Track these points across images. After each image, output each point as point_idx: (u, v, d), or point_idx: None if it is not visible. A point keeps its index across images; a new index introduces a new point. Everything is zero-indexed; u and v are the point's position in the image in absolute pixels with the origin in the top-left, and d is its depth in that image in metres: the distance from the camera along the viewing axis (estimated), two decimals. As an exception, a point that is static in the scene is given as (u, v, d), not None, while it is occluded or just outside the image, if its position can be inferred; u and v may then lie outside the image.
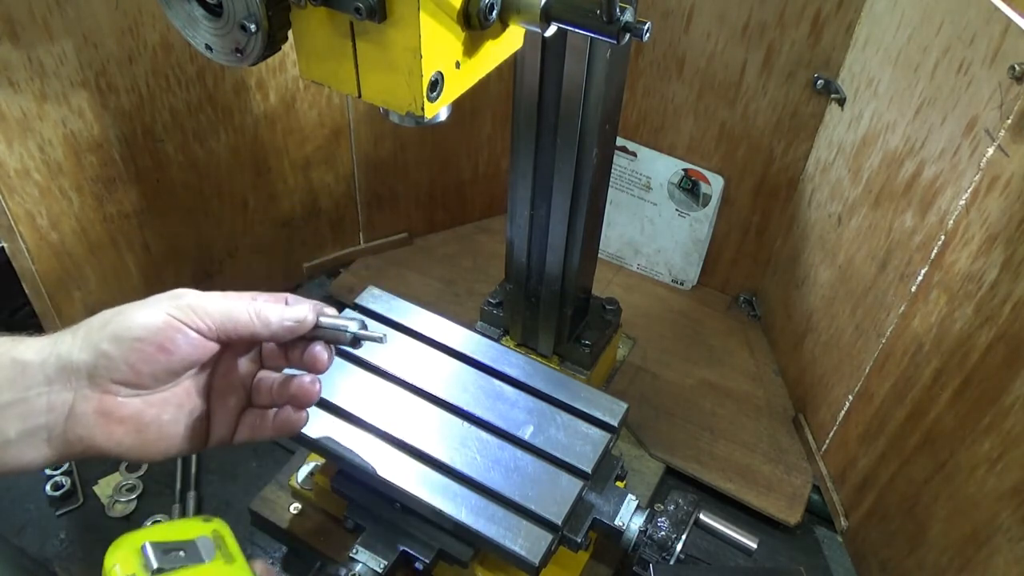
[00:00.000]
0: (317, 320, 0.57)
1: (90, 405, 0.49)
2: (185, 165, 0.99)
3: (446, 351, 0.82)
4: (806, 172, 1.05)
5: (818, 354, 1.00)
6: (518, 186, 0.83)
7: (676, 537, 0.70)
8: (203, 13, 0.53)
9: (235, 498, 0.93)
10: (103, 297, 1.01)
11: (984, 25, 0.69)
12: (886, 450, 0.85)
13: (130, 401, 0.51)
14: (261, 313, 0.54)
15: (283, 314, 0.55)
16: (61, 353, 0.49)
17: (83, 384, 0.49)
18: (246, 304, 0.54)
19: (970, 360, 0.72)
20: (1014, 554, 0.67)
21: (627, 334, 1.14)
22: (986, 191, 0.69)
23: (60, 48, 0.82)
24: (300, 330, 0.56)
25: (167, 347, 0.50)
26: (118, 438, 0.50)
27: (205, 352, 0.53)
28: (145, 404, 0.52)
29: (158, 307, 0.51)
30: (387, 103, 0.54)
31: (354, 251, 1.24)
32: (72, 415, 0.49)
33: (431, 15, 0.49)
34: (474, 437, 0.74)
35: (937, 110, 0.76)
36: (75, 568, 0.86)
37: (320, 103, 1.06)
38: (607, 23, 0.53)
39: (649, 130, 1.14)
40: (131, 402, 0.51)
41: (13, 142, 0.84)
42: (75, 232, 0.94)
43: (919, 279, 0.79)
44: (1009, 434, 0.68)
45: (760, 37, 0.98)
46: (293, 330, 0.56)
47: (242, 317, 0.54)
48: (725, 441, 1.01)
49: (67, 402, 0.49)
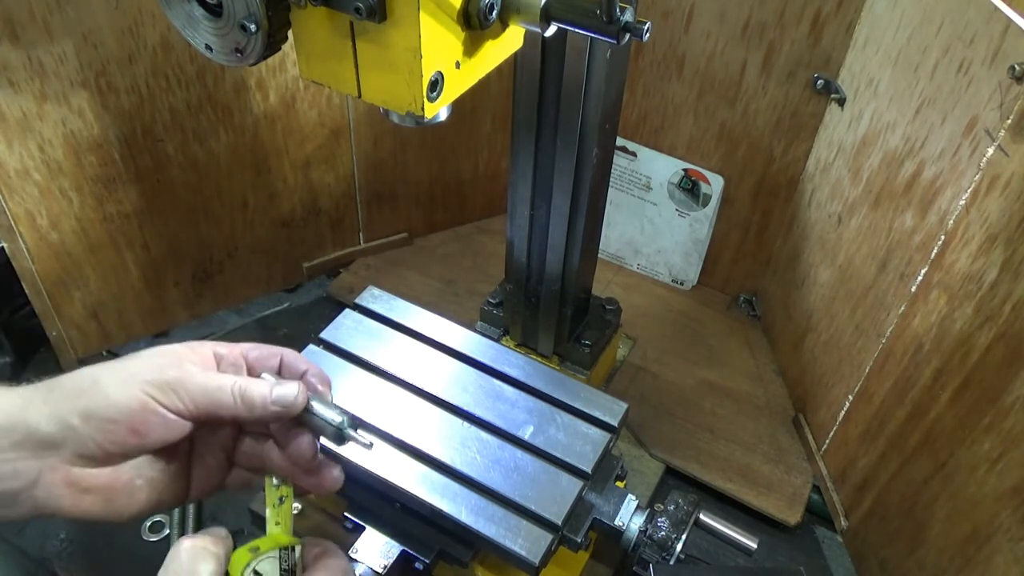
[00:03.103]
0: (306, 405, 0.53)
1: (57, 475, 0.47)
2: (185, 165, 0.99)
3: (446, 351, 0.82)
4: (806, 172, 1.05)
5: (818, 354, 1.00)
6: (518, 186, 0.83)
7: (676, 537, 0.70)
8: (203, 13, 0.53)
9: (235, 498, 0.93)
10: (103, 297, 1.01)
11: (984, 25, 0.69)
12: (886, 450, 0.85)
13: (100, 472, 0.49)
14: (246, 395, 0.50)
15: (269, 397, 0.51)
16: (29, 421, 0.47)
17: (50, 454, 0.47)
18: (230, 384, 0.50)
19: (970, 360, 0.72)
20: (1014, 554, 0.67)
21: (627, 334, 1.14)
22: (986, 191, 0.69)
23: (60, 48, 0.82)
24: (286, 415, 0.52)
25: (140, 430, 0.48)
26: (86, 507, 0.48)
27: (180, 432, 0.50)
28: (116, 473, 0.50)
29: (136, 383, 0.48)
30: (387, 103, 0.54)
31: (354, 251, 1.24)
32: (39, 484, 0.47)
33: (431, 15, 0.49)
34: (474, 437, 0.74)
35: (937, 110, 0.76)
36: (75, 568, 0.86)
37: (320, 103, 1.06)
38: (607, 23, 0.53)
39: (649, 130, 1.14)
40: (101, 473, 0.49)
41: (13, 142, 0.84)
42: (75, 232, 0.94)
43: (919, 279, 0.79)
44: (1009, 434, 0.68)
45: (760, 37, 0.98)
46: (279, 415, 0.52)
47: (225, 400, 0.50)
48: (725, 441, 1.01)
49: (34, 470, 0.47)
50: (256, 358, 0.55)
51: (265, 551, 0.50)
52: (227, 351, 0.54)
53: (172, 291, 1.08)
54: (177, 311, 1.10)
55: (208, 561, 0.47)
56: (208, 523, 0.91)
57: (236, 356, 0.54)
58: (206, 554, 0.47)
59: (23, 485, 0.47)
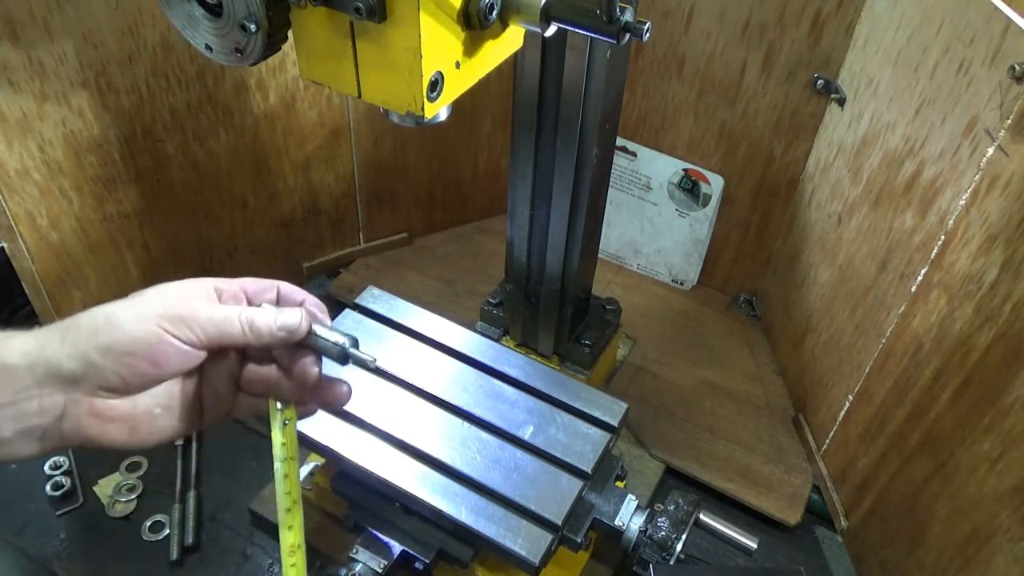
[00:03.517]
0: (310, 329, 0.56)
1: (81, 408, 0.50)
2: (185, 165, 0.99)
3: (446, 351, 0.82)
4: (806, 172, 1.05)
5: (818, 354, 1.00)
6: (518, 186, 0.83)
7: (676, 537, 0.70)
8: (203, 13, 0.53)
9: (235, 498, 0.93)
10: (103, 297, 1.00)
11: (984, 25, 0.69)
12: (886, 450, 0.85)
13: (121, 402, 0.52)
14: (253, 324, 0.54)
15: (274, 324, 0.54)
16: (49, 358, 0.49)
17: (72, 389, 0.50)
18: (237, 315, 0.53)
19: (970, 360, 0.72)
20: (1014, 554, 0.67)
21: (627, 334, 1.14)
22: (986, 191, 0.69)
23: (60, 48, 0.82)
24: (291, 340, 0.55)
25: (158, 361, 0.51)
26: (112, 435, 0.51)
27: (195, 361, 0.53)
28: (136, 403, 0.53)
29: (150, 318, 0.51)
30: (387, 103, 0.54)
31: (354, 251, 1.24)
32: (65, 416, 0.50)
33: (431, 15, 0.49)
34: (474, 437, 0.74)
35: (937, 110, 0.76)
36: (75, 568, 0.86)
37: (320, 103, 1.06)
38: (607, 23, 0.53)
39: (649, 130, 1.14)
40: (123, 403, 0.52)
41: (13, 142, 0.84)
42: (75, 232, 0.94)
43: (919, 279, 0.79)
44: (1009, 434, 0.68)
45: (760, 37, 0.98)
46: (284, 340, 0.55)
47: (234, 331, 0.53)
48: (725, 441, 1.01)
49: (58, 405, 0.50)
50: (254, 291, 0.57)
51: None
52: (227, 286, 0.57)
53: (172, 291, 1.08)
54: (177, 311, 1.09)
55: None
56: (208, 523, 0.91)
57: (236, 290, 0.57)
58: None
59: (50, 420, 0.50)
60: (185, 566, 0.87)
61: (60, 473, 0.93)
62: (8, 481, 0.93)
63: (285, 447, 0.59)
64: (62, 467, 0.94)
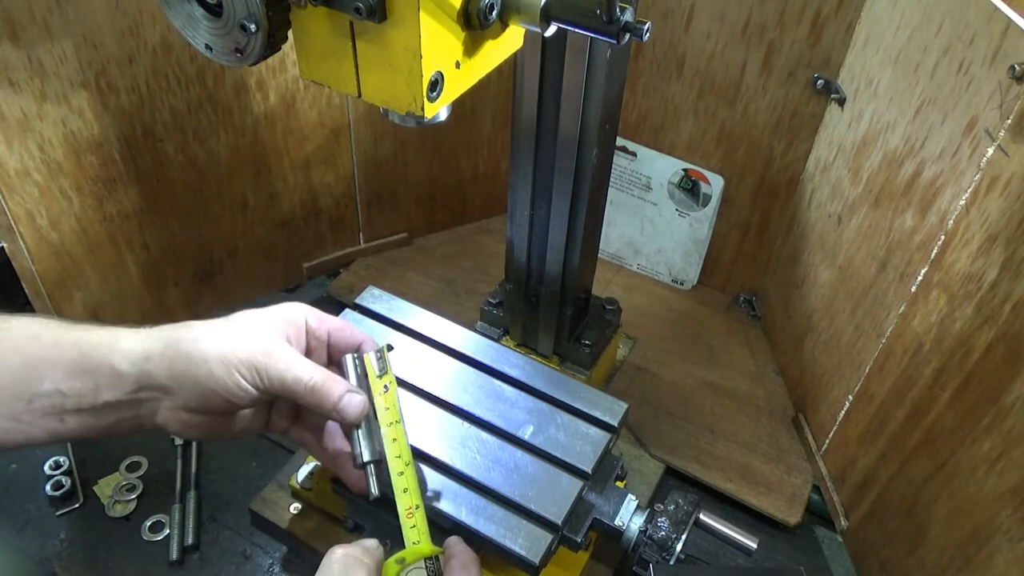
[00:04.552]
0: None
1: (171, 413, 0.59)
2: (185, 165, 0.99)
3: (446, 351, 0.82)
4: (806, 172, 1.05)
5: (818, 354, 1.00)
6: (518, 186, 0.83)
7: (676, 537, 0.70)
8: (203, 13, 0.53)
9: (235, 498, 0.93)
10: (103, 297, 1.01)
11: (984, 25, 0.69)
12: (886, 450, 0.85)
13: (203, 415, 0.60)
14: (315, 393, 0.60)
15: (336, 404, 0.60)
16: (151, 372, 0.58)
17: (166, 397, 0.59)
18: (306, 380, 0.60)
19: (970, 360, 0.72)
20: (1014, 554, 0.67)
21: (627, 334, 1.14)
22: (986, 191, 0.69)
23: (60, 48, 0.82)
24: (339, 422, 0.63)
25: (231, 400, 0.59)
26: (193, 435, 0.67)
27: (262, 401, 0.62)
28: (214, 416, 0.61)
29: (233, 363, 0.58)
30: (387, 103, 0.54)
31: (354, 251, 1.24)
32: (158, 414, 0.59)
33: (431, 15, 0.49)
34: (474, 437, 0.74)
35: (937, 110, 0.76)
36: (75, 568, 0.86)
37: (320, 103, 1.06)
38: (607, 23, 0.53)
39: (649, 130, 1.14)
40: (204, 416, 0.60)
41: (13, 142, 0.84)
42: (75, 232, 0.94)
43: (919, 279, 0.79)
44: (1009, 434, 0.68)
45: (760, 37, 0.98)
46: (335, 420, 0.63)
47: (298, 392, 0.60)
48: (725, 441, 1.01)
49: (155, 406, 0.59)
50: (337, 340, 0.66)
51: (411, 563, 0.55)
52: (316, 324, 0.65)
53: (172, 291, 1.08)
54: (177, 311, 1.10)
55: (360, 570, 0.53)
56: (208, 523, 0.91)
57: (323, 333, 0.66)
58: (358, 563, 0.53)
59: (146, 413, 0.59)
60: (185, 566, 0.87)
61: (60, 473, 0.93)
62: (8, 481, 0.93)
63: (389, 411, 0.63)
64: (62, 467, 0.94)
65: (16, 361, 0.56)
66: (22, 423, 0.56)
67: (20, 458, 0.95)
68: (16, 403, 0.56)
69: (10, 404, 0.56)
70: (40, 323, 0.59)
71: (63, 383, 0.56)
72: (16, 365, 0.56)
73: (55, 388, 0.56)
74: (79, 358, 0.57)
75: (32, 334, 0.57)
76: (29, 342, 0.57)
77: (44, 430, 0.57)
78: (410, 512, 0.59)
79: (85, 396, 0.57)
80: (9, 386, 0.56)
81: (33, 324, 0.59)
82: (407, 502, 0.60)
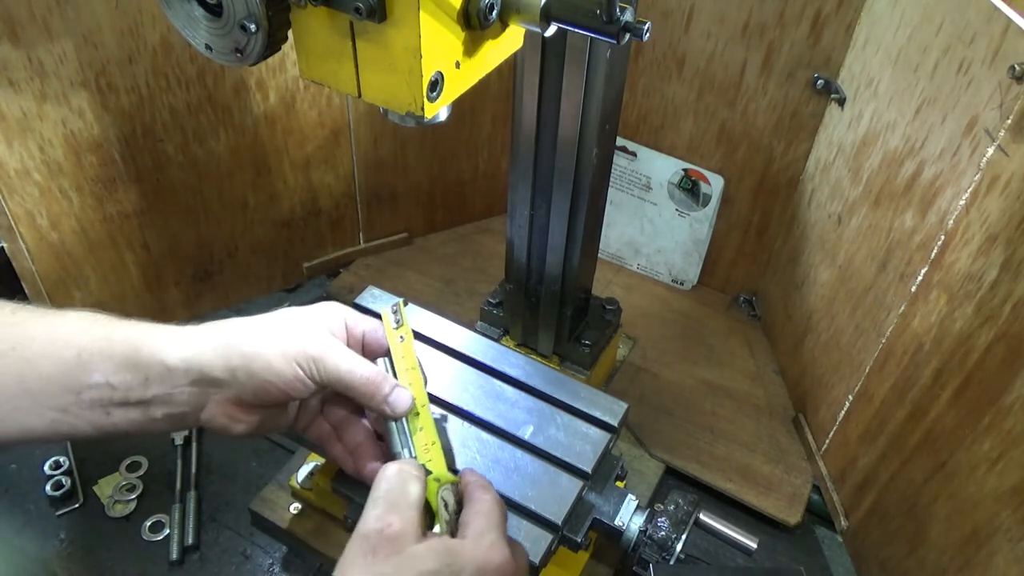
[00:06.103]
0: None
1: (219, 408, 0.60)
2: (185, 165, 0.99)
3: (446, 351, 0.82)
4: (806, 172, 1.05)
5: (818, 354, 1.00)
6: (518, 186, 0.83)
7: (676, 537, 0.70)
8: (203, 13, 0.53)
9: (235, 498, 0.93)
10: (103, 297, 1.01)
11: (984, 25, 0.69)
12: (886, 450, 0.85)
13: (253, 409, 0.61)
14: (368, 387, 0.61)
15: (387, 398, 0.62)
16: (203, 365, 0.58)
17: (216, 391, 0.59)
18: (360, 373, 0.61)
19: (970, 360, 0.72)
20: (1014, 554, 0.67)
21: (627, 334, 1.14)
22: (986, 191, 0.69)
23: (60, 48, 0.82)
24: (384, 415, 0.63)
25: (288, 392, 0.60)
26: (240, 430, 0.61)
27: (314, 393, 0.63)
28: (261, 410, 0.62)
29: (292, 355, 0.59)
30: (387, 103, 0.54)
31: (354, 251, 1.24)
32: (205, 410, 0.60)
33: (431, 15, 0.49)
34: (474, 437, 0.74)
35: (937, 110, 0.76)
36: (75, 568, 0.86)
37: (320, 103, 1.06)
38: (607, 23, 0.53)
39: (649, 130, 1.14)
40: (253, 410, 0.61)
41: (13, 142, 0.84)
42: (75, 232, 0.94)
43: (919, 279, 0.79)
44: (1009, 434, 0.68)
45: (760, 37, 0.98)
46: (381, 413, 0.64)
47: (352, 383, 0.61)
48: (725, 441, 1.01)
49: (203, 401, 0.59)
50: (370, 342, 0.66)
51: (444, 483, 0.60)
52: (352, 325, 0.66)
53: (172, 291, 1.08)
54: (177, 311, 1.10)
55: (415, 483, 0.56)
56: (208, 523, 0.91)
57: (358, 333, 0.66)
58: (412, 478, 0.56)
59: (193, 410, 0.59)
60: (185, 566, 0.87)
61: (60, 473, 0.93)
62: (8, 481, 0.93)
63: (406, 359, 0.66)
64: (62, 467, 0.94)
65: (69, 354, 0.56)
66: (69, 415, 0.57)
67: (20, 458, 0.95)
68: (66, 395, 0.56)
69: (60, 396, 0.56)
70: (90, 318, 0.60)
71: (113, 376, 0.57)
72: (68, 358, 0.56)
73: (105, 380, 0.57)
74: (130, 351, 0.57)
75: (83, 328, 0.58)
76: (80, 336, 0.58)
77: (89, 423, 0.57)
78: (426, 448, 0.63)
79: (134, 389, 0.57)
80: (60, 378, 0.56)
81: (83, 318, 0.59)
82: (424, 440, 0.63)
